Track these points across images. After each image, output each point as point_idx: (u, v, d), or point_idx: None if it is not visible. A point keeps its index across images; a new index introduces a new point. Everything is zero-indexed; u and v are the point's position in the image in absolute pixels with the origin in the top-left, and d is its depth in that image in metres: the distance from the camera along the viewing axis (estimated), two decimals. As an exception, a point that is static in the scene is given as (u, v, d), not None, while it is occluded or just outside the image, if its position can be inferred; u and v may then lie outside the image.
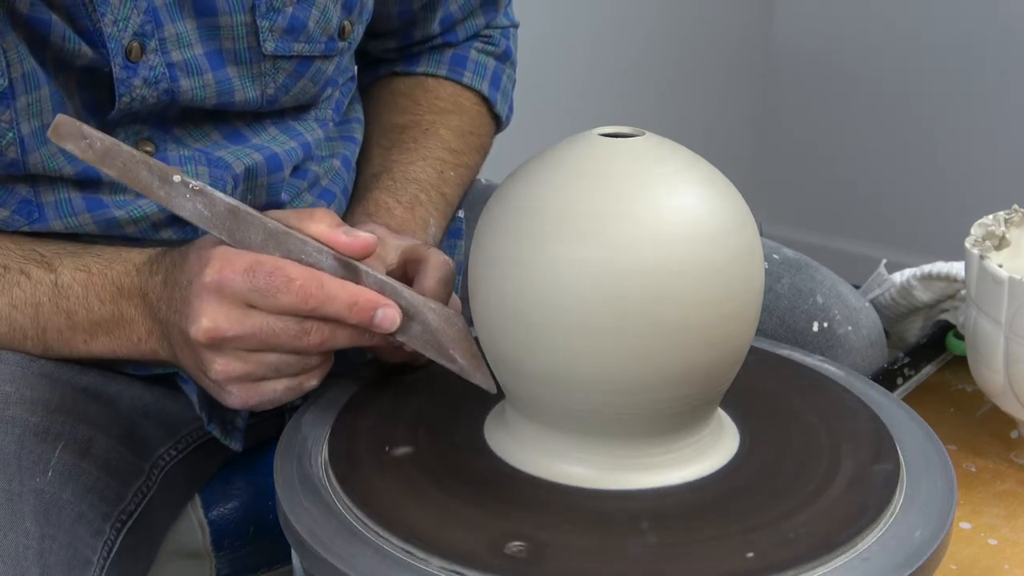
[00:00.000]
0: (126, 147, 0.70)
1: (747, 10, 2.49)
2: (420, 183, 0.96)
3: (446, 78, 1.04)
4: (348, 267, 0.71)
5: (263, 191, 0.87)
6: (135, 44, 0.78)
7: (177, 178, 0.70)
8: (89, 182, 0.80)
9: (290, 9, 0.85)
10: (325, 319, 0.70)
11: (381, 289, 0.72)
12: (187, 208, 0.70)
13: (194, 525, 0.89)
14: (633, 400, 0.65)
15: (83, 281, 0.77)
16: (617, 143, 0.66)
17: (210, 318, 0.69)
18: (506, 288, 0.65)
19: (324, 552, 0.62)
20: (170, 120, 0.84)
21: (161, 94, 0.81)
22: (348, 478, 0.67)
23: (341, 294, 0.69)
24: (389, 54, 1.05)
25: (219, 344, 0.70)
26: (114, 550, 0.75)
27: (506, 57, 1.08)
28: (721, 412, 0.72)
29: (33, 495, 0.71)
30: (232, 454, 0.88)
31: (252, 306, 0.69)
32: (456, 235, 1.03)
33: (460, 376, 0.73)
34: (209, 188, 0.70)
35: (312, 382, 0.73)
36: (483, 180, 1.14)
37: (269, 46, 0.84)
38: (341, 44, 0.90)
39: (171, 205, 0.70)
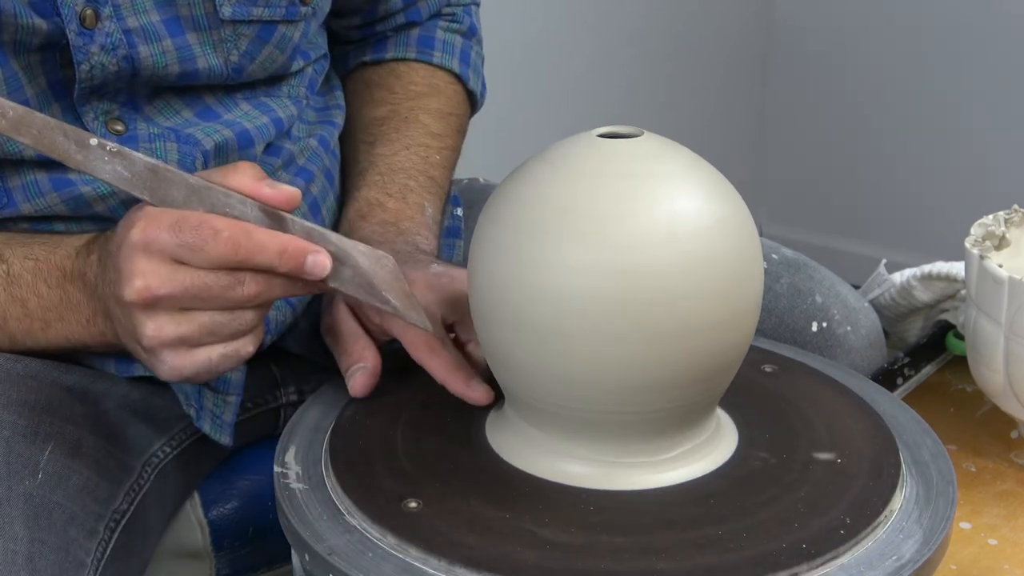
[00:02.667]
0: (40, 115, 0.69)
1: (746, 9, 2.49)
2: (407, 171, 0.96)
3: (416, 60, 1.03)
4: (274, 217, 0.70)
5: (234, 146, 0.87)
6: (89, 11, 0.78)
7: (94, 141, 0.69)
8: (52, 162, 0.78)
9: None
10: (256, 270, 0.69)
11: (309, 236, 0.70)
12: (106, 171, 0.69)
13: (194, 525, 0.89)
14: (633, 400, 0.65)
15: (31, 268, 0.77)
16: (616, 143, 0.66)
17: (141, 278, 0.68)
18: (506, 287, 0.65)
19: (324, 552, 0.62)
20: (140, 97, 0.83)
21: (120, 61, 0.80)
22: (348, 477, 0.67)
23: (270, 243, 0.68)
24: (352, 33, 1.04)
25: (152, 304, 0.68)
26: (108, 550, 0.75)
27: (472, 34, 1.07)
28: (720, 412, 0.72)
29: (22, 499, 0.71)
30: (227, 451, 0.88)
31: (182, 262, 0.68)
32: (455, 234, 1.03)
33: (395, 315, 0.72)
34: (127, 149, 0.69)
35: (248, 348, 0.71)
36: (482, 180, 1.14)
37: (226, 11, 0.83)
38: (304, 9, 0.89)
39: (90, 169, 0.69)
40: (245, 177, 0.70)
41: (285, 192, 0.70)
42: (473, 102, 1.08)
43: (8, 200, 0.81)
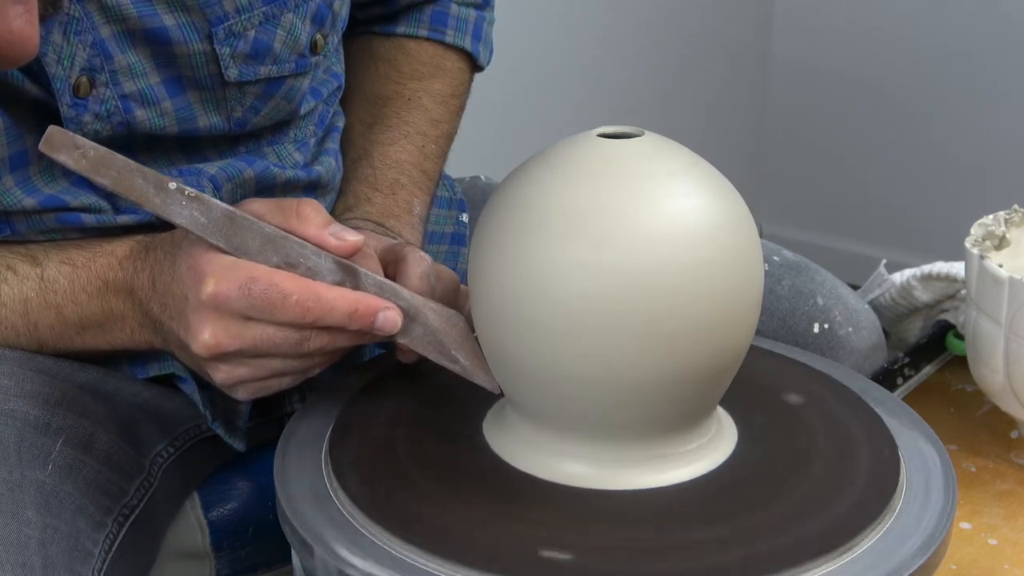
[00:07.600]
0: (120, 156, 0.69)
1: (747, 8, 2.49)
2: (401, 165, 0.95)
3: (427, 39, 1.01)
4: (347, 269, 0.71)
5: (252, 183, 0.86)
6: (84, 79, 0.75)
7: (173, 185, 0.69)
8: (56, 209, 0.78)
9: (252, 33, 0.80)
10: (326, 328, 0.70)
11: (380, 291, 0.71)
12: (183, 215, 0.69)
13: (194, 525, 0.89)
14: (633, 400, 0.65)
15: (68, 274, 0.77)
16: (617, 143, 0.66)
17: (211, 334, 0.69)
18: (506, 287, 0.65)
19: (324, 552, 0.62)
20: (136, 148, 0.81)
21: (115, 127, 0.78)
22: (348, 478, 0.67)
23: (340, 304, 0.69)
24: (371, 11, 1.01)
25: (221, 357, 0.70)
26: (116, 544, 0.75)
27: (486, 4, 1.05)
28: (721, 411, 0.72)
29: (34, 486, 0.71)
30: (228, 454, 0.88)
31: (251, 319, 0.69)
32: (460, 242, 1.03)
33: (462, 377, 0.73)
34: (205, 195, 0.70)
35: (316, 371, 0.74)
36: (483, 178, 1.13)
37: (232, 73, 0.81)
38: (314, 59, 0.86)
39: (167, 213, 0.70)
40: (310, 227, 0.71)
41: (348, 244, 0.71)
42: (480, 69, 1.06)
43: (11, 231, 0.79)
